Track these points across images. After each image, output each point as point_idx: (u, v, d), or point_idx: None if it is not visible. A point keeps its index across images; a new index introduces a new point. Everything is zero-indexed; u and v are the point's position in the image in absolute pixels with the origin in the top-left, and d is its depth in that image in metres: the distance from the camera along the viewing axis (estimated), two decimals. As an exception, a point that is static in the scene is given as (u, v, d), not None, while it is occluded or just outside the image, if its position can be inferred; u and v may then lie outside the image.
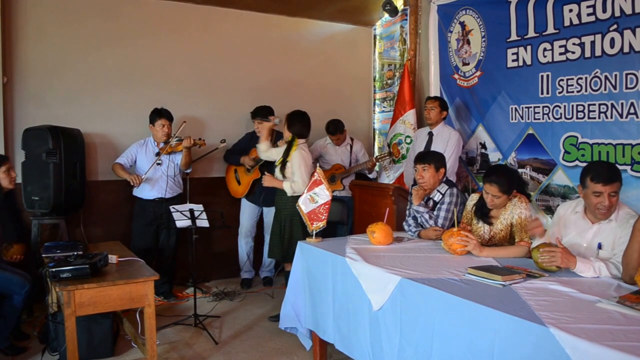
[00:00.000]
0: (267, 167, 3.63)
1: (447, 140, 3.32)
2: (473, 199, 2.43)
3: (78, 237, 3.38)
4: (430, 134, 3.44)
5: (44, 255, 2.58)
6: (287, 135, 3.05)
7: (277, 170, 3.05)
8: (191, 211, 3.01)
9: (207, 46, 3.97)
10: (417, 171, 2.61)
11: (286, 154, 3.01)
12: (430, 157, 2.61)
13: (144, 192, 3.44)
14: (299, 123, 3.03)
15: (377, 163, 3.96)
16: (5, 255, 2.62)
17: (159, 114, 3.44)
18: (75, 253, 2.44)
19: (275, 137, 3.84)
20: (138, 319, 2.50)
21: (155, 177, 3.44)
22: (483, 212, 2.32)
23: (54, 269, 2.10)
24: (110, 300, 2.14)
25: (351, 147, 3.98)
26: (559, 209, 2.13)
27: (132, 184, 3.32)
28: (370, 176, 4.09)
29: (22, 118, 3.34)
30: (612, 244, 1.87)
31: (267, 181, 3.04)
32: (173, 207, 3.05)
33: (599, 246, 1.89)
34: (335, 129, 3.86)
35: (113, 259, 2.42)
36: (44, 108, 3.41)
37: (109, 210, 3.63)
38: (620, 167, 2.28)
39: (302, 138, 3.05)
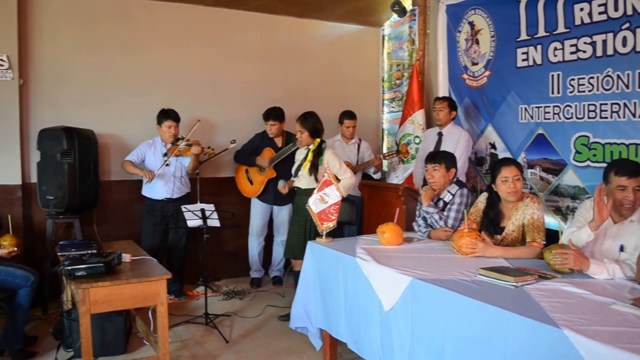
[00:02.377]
0: (282, 166, 3.65)
1: (456, 141, 3.31)
2: (486, 195, 2.38)
3: (91, 236, 3.43)
4: (440, 135, 3.43)
5: (59, 254, 2.62)
6: (309, 140, 3.06)
7: (305, 173, 3.05)
8: (202, 211, 3.04)
9: (217, 47, 4.00)
10: (428, 171, 2.61)
11: (317, 157, 3.03)
12: (441, 157, 2.61)
13: (152, 192, 3.47)
14: (311, 118, 3.06)
15: (385, 161, 3.95)
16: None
17: (166, 115, 3.44)
18: (90, 252, 2.47)
19: (286, 138, 3.86)
20: (150, 317, 2.53)
21: (163, 178, 3.45)
22: (495, 224, 2.28)
23: (69, 267, 2.13)
24: (124, 298, 2.17)
25: (359, 145, 3.98)
26: (588, 202, 2.06)
27: (145, 178, 3.33)
28: (375, 177, 4.06)
29: (38, 119, 3.40)
30: (634, 247, 1.83)
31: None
32: (185, 207, 3.08)
33: (621, 248, 1.87)
34: (351, 115, 3.88)
35: (126, 257, 2.44)
36: (58, 109, 3.46)
37: (121, 209, 3.68)
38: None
39: (321, 133, 3.10)
